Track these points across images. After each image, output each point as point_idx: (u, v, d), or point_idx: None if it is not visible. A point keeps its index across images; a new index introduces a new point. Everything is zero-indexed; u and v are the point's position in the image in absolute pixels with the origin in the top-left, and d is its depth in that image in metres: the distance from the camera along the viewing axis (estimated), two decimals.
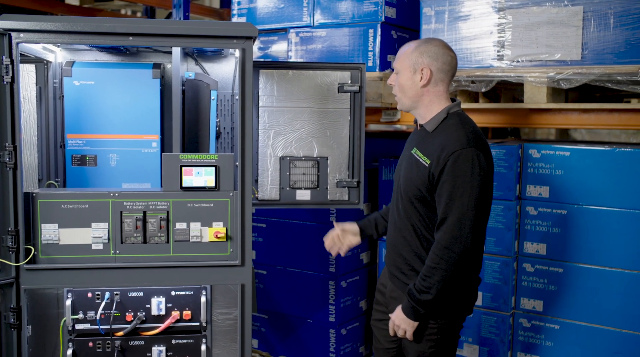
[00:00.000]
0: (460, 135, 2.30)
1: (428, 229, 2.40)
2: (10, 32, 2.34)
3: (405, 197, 2.45)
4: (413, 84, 2.41)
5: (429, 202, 2.36)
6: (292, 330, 3.90)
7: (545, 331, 3.19)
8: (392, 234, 2.57)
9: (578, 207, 3.08)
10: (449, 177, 2.25)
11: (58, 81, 2.88)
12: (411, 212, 2.43)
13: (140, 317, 2.58)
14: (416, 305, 2.34)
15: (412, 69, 2.41)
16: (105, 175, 2.82)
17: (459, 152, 2.25)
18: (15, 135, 2.38)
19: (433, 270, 2.28)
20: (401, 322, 2.41)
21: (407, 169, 2.46)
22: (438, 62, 2.39)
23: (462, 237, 2.25)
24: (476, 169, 2.25)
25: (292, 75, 3.03)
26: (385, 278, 2.67)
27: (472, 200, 2.24)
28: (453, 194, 2.25)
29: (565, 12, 2.97)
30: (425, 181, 2.34)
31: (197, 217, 2.55)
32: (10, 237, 2.39)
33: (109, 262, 2.52)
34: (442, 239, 2.28)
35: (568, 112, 3.14)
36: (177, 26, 2.45)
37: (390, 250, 2.59)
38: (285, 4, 3.89)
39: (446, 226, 2.26)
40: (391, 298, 2.58)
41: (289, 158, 3.06)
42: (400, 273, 2.50)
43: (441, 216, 2.28)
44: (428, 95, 2.41)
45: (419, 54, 2.40)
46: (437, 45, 2.42)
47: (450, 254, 2.26)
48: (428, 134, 2.42)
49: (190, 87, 2.79)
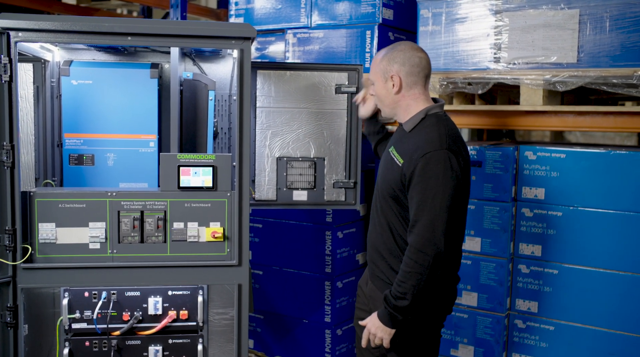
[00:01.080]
0: (434, 136, 2.29)
1: (403, 228, 2.39)
2: (8, 31, 2.34)
3: (382, 195, 2.47)
4: (387, 92, 2.44)
5: (402, 202, 2.37)
6: (288, 330, 3.90)
7: (540, 332, 3.21)
8: (371, 232, 2.58)
9: (573, 209, 3.10)
10: (420, 179, 2.25)
11: (55, 80, 2.87)
12: (387, 210, 2.44)
13: (137, 317, 2.58)
14: (393, 311, 2.31)
15: (383, 78, 2.44)
16: (103, 175, 2.82)
17: (431, 154, 2.24)
18: (13, 134, 2.38)
19: (408, 274, 2.26)
20: (377, 330, 2.37)
21: (383, 167, 2.49)
22: (406, 66, 2.40)
23: (435, 240, 2.22)
24: (448, 171, 2.23)
25: (289, 76, 3.04)
26: (365, 279, 2.69)
27: (445, 202, 2.22)
28: (424, 196, 2.23)
29: (561, 15, 2.99)
30: (397, 180, 2.35)
31: (194, 217, 2.56)
32: (7, 236, 2.39)
33: (106, 262, 2.53)
34: (414, 242, 2.26)
35: (564, 115, 3.16)
36: (176, 26, 2.46)
37: (369, 248, 2.60)
38: (282, 5, 3.89)
39: (418, 229, 2.25)
40: (369, 297, 2.58)
41: (286, 159, 3.07)
42: (380, 272, 2.51)
43: (413, 218, 2.27)
44: (404, 100, 2.43)
45: (387, 62, 2.42)
46: (403, 50, 2.42)
47: (424, 257, 2.23)
48: (405, 134, 2.43)
49: (188, 87, 2.80)
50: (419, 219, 2.24)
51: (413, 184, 2.27)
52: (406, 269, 2.27)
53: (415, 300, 2.28)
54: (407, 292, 2.26)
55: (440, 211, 2.22)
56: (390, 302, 2.31)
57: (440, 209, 2.22)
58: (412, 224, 2.28)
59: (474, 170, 3.30)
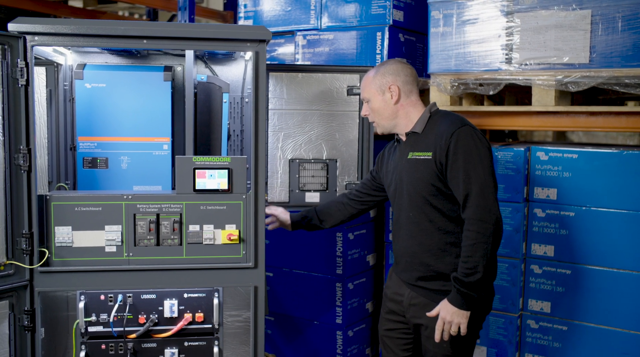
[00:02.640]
0: (451, 119, 2.41)
1: (452, 220, 2.42)
2: (25, 35, 2.34)
3: (418, 200, 2.46)
4: (386, 104, 2.52)
5: (445, 192, 2.40)
6: (299, 332, 3.90)
7: (553, 332, 3.21)
8: (407, 243, 2.55)
9: (586, 209, 3.10)
10: (457, 156, 2.32)
11: (68, 84, 2.88)
12: (429, 212, 2.45)
13: (153, 320, 2.58)
14: (467, 290, 2.30)
15: (380, 92, 2.52)
16: (116, 178, 2.82)
17: (458, 132, 2.34)
18: (29, 138, 2.38)
19: (473, 247, 2.28)
20: (453, 316, 2.33)
21: (410, 174, 2.49)
22: (400, 76, 2.51)
23: (490, 206, 2.29)
24: (478, 142, 2.34)
25: (301, 78, 3.04)
26: (399, 287, 2.63)
27: (487, 169, 2.32)
28: (467, 169, 2.31)
29: (573, 15, 3.00)
30: (434, 172, 2.39)
31: (210, 219, 2.55)
32: (24, 240, 2.39)
33: (122, 265, 2.52)
34: (471, 213, 2.30)
35: (576, 115, 3.17)
36: (192, 29, 2.46)
37: (407, 258, 2.56)
38: (292, 7, 3.90)
39: (472, 201, 2.30)
40: (411, 305, 2.55)
41: (298, 160, 3.08)
42: (423, 281, 2.50)
43: (463, 193, 2.32)
44: (404, 109, 2.52)
45: (381, 76, 2.53)
46: (393, 63, 2.56)
47: (485, 225, 2.28)
48: (418, 136, 2.49)
49: (202, 89, 2.80)
50: (470, 191, 2.31)
51: (450, 163, 2.34)
52: (470, 242, 2.29)
53: (486, 272, 2.30)
54: (478, 264, 2.28)
55: (486, 178, 2.31)
56: (463, 281, 2.31)
57: (485, 177, 2.31)
58: (463, 199, 2.33)
59: None
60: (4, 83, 2.30)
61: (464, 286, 2.31)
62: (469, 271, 2.29)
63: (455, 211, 2.41)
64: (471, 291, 2.30)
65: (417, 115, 2.52)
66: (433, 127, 2.46)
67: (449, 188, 2.39)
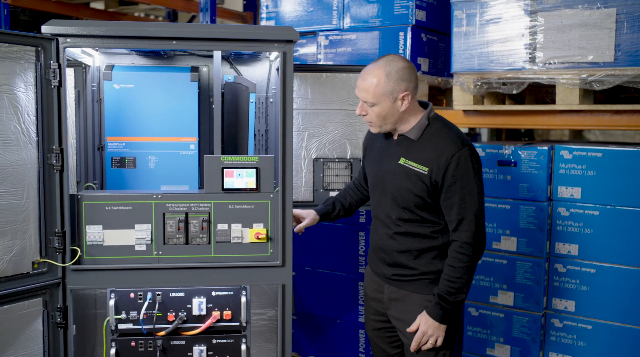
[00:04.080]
0: (452, 138, 2.39)
1: (432, 227, 2.46)
2: (57, 37, 2.38)
3: (402, 206, 2.47)
4: (394, 111, 2.41)
5: (430, 204, 2.43)
6: (321, 330, 3.93)
7: (577, 331, 3.21)
8: (385, 242, 2.57)
9: (611, 208, 3.10)
10: (455, 179, 2.34)
11: (96, 85, 2.92)
12: (411, 218, 2.47)
13: (181, 317, 2.61)
14: (449, 307, 2.40)
15: (391, 99, 2.38)
16: (144, 178, 2.85)
17: (458, 155, 2.34)
18: (62, 138, 2.42)
19: (461, 269, 2.37)
20: (434, 330, 2.43)
21: (398, 179, 2.47)
22: (412, 81, 2.40)
23: (481, 233, 2.38)
24: (475, 166, 2.37)
25: (325, 78, 3.06)
26: (377, 284, 2.66)
27: (481, 195, 2.38)
28: (463, 195, 2.35)
29: (598, 14, 3.00)
30: (425, 188, 2.40)
31: (238, 218, 2.59)
32: (57, 238, 2.43)
33: (152, 263, 2.56)
34: (466, 238, 2.36)
35: (600, 114, 3.16)
36: (221, 30, 2.49)
37: (383, 255, 2.59)
38: (314, 7, 3.92)
39: (465, 225, 2.36)
40: (391, 300, 2.59)
41: (323, 160, 3.10)
42: (400, 276, 2.54)
43: (457, 217, 2.36)
44: (407, 113, 2.44)
45: (394, 83, 2.36)
46: (405, 67, 2.39)
47: (476, 250, 2.37)
48: (413, 143, 2.45)
49: (229, 90, 2.83)
50: (464, 216, 2.36)
51: (447, 185, 2.36)
52: (460, 265, 2.37)
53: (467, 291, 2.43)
54: (464, 285, 2.39)
55: (480, 205, 2.38)
56: (447, 299, 2.39)
57: (479, 203, 2.37)
58: (456, 222, 2.38)
59: (509, 169, 3.31)
60: (38, 84, 2.35)
61: (447, 303, 2.39)
62: (454, 290, 2.38)
63: (437, 219, 2.45)
64: (453, 308, 2.41)
65: (414, 118, 2.46)
66: (431, 138, 2.42)
67: (436, 202, 2.42)
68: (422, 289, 2.50)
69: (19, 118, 2.30)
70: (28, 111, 2.33)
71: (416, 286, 2.51)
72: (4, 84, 2.24)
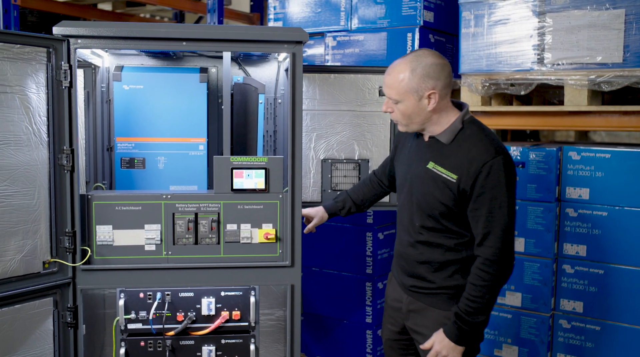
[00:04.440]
0: (486, 144, 2.20)
1: (456, 239, 2.30)
2: (68, 38, 2.39)
3: (426, 213, 2.32)
4: (420, 110, 2.24)
5: (457, 214, 2.26)
6: (328, 331, 3.93)
7: (585, 332, 3.20)
8: (406, 249, 2.44)
9: (619, 209, 3.09)
10: (485, 190, 2.17)
11: (105, 85, 2.93)
12: (435, 227, 2.32)
13: (190, 317, 2.62)
14: (467, 328, 2.23)
15: (416, 97, 2.22)
16: (153, 178, 2.86)
17: (490, 163, 2.15)
18: (72, 139, 2.43)
19: (481, 288, 2.20)
20: (449, 350, 2.27)
21: (425, 185, 2.31)
22: (441, 80, 2.22)
23: (508, 250, 2.20)
24: (508, 178, 2.18)
25: (333, 78, 3.07)
26: (397, 293, 2.54)
27: (511, 209, 2.19)
28: (492, 207, 2.17)
29: (606, 15, 2.99)
30: (452, 196, 2.23)
31: (247, 218, 2.59)
32: (67, 238, 2.45)
33: (161, 263, 2.57)
34: (489, 254, 2.19)
35: (608, 115, 3.16)
36: (231, 31, 2.50)
37: (404, 263, 2.47)
38: (322, 8, 3.93)
39: (491, 241, 2.18)
40: (409, 311, 2.46)
41: (331, 161, 3.10)
42: (418, 288, 2.41)
43: (483, 230, 2.19)
44: (437, 114, 2.27)
45: (419, 79, 2.20)
46: (434, 63, 2.22)
47: (500, 269, 2.19)
48: (444, 146, 2.28)
49: (238, 90, 2.84)
50: (491, 230, 2.18)
51: (475, 196, 2.18)
52: (481, 283, 2.20)
53: (489, 313, 2.25)
54: (485, 307, 2.21)
55: (509, 219, 2.18)
56: (466, 319, 2.22)
57: (508, 217, 2.18)
58: (482, 236, 2.20)
59: (518, 170, 3.30)
60: (49, 85, 2.36)
61: (465, 324, 2.23)
62: (473, 311, 2.21)
63: (463, 230, 2.29)
64: (471, 329, 2.24)
65: (447, 120, 2.28)
66: (463, 143, 2.24)
67: (463, 212, 2.25)
68: (440, 304, 2.36)
69: (31, 119, 2.31)
70: (39, 112, 2.34)
71: (434, 300, 2.37)
72: (16, 84, 2.26)
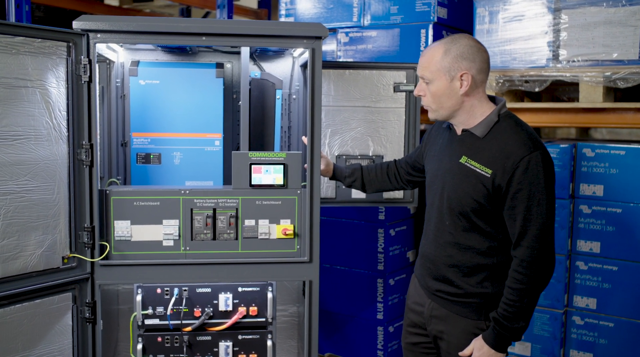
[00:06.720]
0: (523, 138, 2.08)
1: (488, 241, 2.18)
2: (88, 33, 2.38)
3: (457, 211, 2.20)
4: (452, 92, 2.14)
5: (489, 212, 2.14)
6: (339, 327, 3.93)
7: (599, 328, 3.21)
8: (433, 251, 2.32)
9: (634, 206, 3.10)
10: (522, 186, 2.04)
11: (120, 80, 2.92)
12: (466, 227, 2.20)
13: (208, 313, 2.62)
14: (507, 334, 2.13)
15: (448, 77, 2.13)
16: (169, 174, 2.86)
17: (528, 158, 2.03)
18: (91, 134, 2.42)
19: (522, 293, 2.08)
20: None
21: (457, 181, 2.19)
22: (476, 63, 2.12)
23: (547, 250, 2.07)
24: (547, 174, 2.06)
25: (348, 75, 3.06)
26: (420, 296, 2.42)
27: (550, 206, 2.07)
28: (529, 205, 2.04)
29: (622, 12, 2.99)
30: (485, 192, 2.11)
31: (265, 214, 2.59)
32: (86, 234, 2.44)
33: (179, 259, 2.56)
34: (527, 255, 2.07)
35: (623, 112, 3.16)
36: (250, 26, 2.49)
37: (430, 265, 2.34)
38: (334, 4, 3.92)
39: (528, 241, 2.06)
40: (432, 317, 2.35)
41: (345, 157, 3.10)
42: (444, 293, 2.29)
43: (519, 230, 2.07)
44: (469, 101, 2.16)
45: (453, 59, 2.11)
46: (469, 45, 2.13)
47: (539, 270, 2.07)
48: (478, 140, 2.16)
49: (255, 86, 2.83)
50: (528, 230, 2.06)
51: (512, 192, 2.06)
52: (519, 287, 2.09)
53: (529, 318, 2.15)
54: (525, 311, 2.11)
55: (548, 218, 2.07)
56: (506, 325, 2.12)
57: (547, 216, 2.06)
58: (518, 235, 2.09)
59: None
60: (69, 80, 2.35)
61: (503, 329, 2.13)
62: (510, 316, 2.11)
63: (496, 232, 2.16)
64: (510, 335, 2.14)
65: (481, 112, 2.16)
66: (498, 137, 2.12)
67: (496, 208, 2.13)
68: (468, 314, 2.24)
69: (51, 113, 2.30)
70: (59, 106, 2.33)
71: (461, 308, 2.25)
72: (37, 79, 2.25)
